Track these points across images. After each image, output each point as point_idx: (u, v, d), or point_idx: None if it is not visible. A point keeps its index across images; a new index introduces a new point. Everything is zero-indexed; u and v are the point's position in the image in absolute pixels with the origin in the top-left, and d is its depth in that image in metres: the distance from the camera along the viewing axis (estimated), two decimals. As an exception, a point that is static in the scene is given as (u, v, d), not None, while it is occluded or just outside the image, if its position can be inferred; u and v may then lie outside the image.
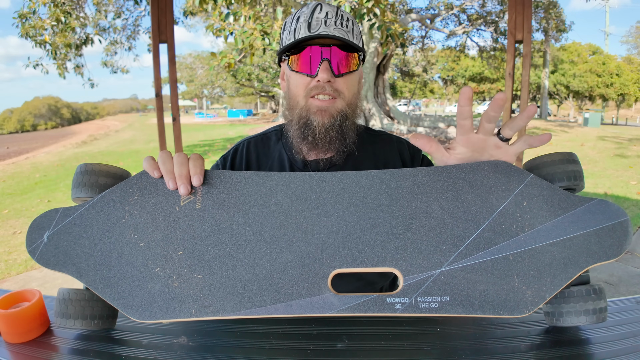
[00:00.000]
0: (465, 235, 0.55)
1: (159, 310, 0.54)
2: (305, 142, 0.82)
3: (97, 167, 0.60)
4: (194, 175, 0.58)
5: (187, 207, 0.58)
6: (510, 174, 0.57)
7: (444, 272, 0.54)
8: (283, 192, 0.58)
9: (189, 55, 30.15)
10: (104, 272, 0.56)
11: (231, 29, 5.12)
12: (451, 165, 0.59)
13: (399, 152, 0.91)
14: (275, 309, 0.54)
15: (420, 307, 0.53)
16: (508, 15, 2.20)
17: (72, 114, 59.40)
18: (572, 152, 0.60)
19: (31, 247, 0.56)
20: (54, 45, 7.25)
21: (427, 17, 14.07)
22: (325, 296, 0.54)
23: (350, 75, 0.81)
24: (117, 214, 0.57)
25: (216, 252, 0.56)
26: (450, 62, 27.00)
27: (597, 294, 0.56)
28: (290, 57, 0.82)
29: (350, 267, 0.55)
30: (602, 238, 0.54)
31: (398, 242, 0.56)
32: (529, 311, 0.53)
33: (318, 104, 0.79)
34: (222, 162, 0.92)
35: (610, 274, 2.97)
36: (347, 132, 0.82)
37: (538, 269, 0.54)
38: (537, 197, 0.56)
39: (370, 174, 0.59)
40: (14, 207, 5.54)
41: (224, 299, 0.54)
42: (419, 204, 0.57)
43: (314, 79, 0.79)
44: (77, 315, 0.57)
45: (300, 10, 0.83)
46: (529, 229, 0.55)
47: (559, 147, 9.70)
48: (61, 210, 0.58)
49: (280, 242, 0.56)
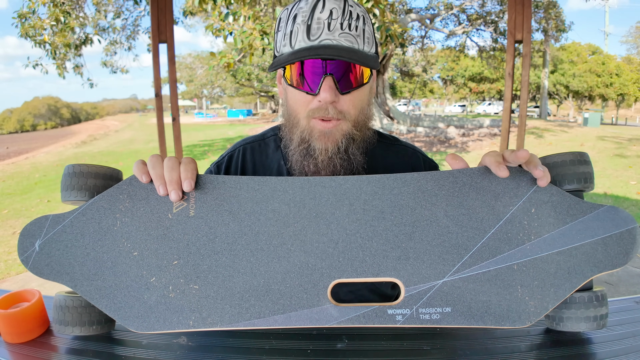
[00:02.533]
0: (470, 244, 0.54)
1: (157, 321, 0.54)
2: (307, 169, 0.73)
3: (86, 168, 0.57)
4: (184, 180, 0.54)
5: (180, 214, 0.56)
6: (519, 178, 0.55)
7: (447, 283, 0.53)
8: (280, 199, 0.56)
9: (188, 55, 30.12)
10: (99, 282, 0.55)
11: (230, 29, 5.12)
12: (457, 169, 0.56)
13: (411, 168, 0.83)
14: (274, 320, 0.53)
15: (421, 319, 0.52)
16: (508, 15, 2.20)
17: (71, 114, 59.37)
18: (584, 152, 0.57)
19: (24, 255, 0.55)
20: (53, 45, 7.24)
21: (427, 17, 14.06)
22: (324, 307, 0.53)
23: (359, 90, 0.69)
24: (107, 221, 0.56)
25: (212, 261, 0.55)
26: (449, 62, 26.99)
27: (599, 301, 0.55)
28: (285, 67, 0.69)
29: (351, 277, 0.54)
30: (608, 247, 0.53)
31: (400, 251, 0.54)
32: (531, 322, 0.52)
33: (320, 127, 0.68)
34: (216, 169, 0.84)
35: (610, 274, 2.96)
36: (354, 158, 0.72)
37: (542, 278, 0.53)
38: (546, 204, 0.54)
39: (373, 178, 0.56)
40: (13, 207, 5.53)
41: (221, 311, 0.53)
42: (422, 210, 0.55)
43: (315, 97, 0.67)
44: (75, 323, 0.56)
45: (298, 5, 0.68)
46: (536, 238, 0.53)
47: (559, 147, 9.70)
48: (51, 218, 0.56)
49: (277, 252, 0.55)
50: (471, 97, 33.01)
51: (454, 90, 31.94)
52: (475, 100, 35.30)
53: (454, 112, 33.98)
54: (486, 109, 32.75)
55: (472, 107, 36.41)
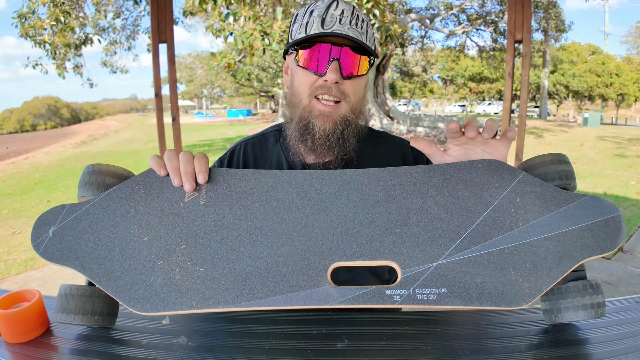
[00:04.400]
0: (460, 230, 0.57)
1: (161, 302, 0.55)
2: (304, 145, 0.81)
3: (104, 167, 0.62)
4: (199, 172, 0.60)
5: (191, 203, 0.59)
6: (502, 171, 0.59)
7: (441, 265, 0.55)
8: (284, 189, 0.60)
9: (188, 55, 30.14)
10: (107, 265, 0.56)
11: (231, 29, 5.12)
12: (445, 163, 0.61)
13: (401, 156, 0.90)
14: (275, 300, 0.55)
15: (418, 299, 0.54)
16: (507, 15, 2.21)
17: (71, 114, 59.38)
18: (562, 153, 0.62)
19: (36, 241, 0.57)
20: (53, 45, 7.25)
21: (427, 17, 14.07)
22: (324, 288, 0.55)
23: (358, 79, 0.79)
24: (122, 209, 0.59)
25: (218, 246, 0.57)
26: (449, 62, 27.01)
27: (594, 289, 0.57)
28: (298, 51, 0.78)
29: (349, 260, 0.56)
30: (595, 232, 0.55)
31: (395, 236, 0.57)
32: (527, 302, 0.53)
33: (321, 107, 0.77)
34: (219, 164, 0.90)
35: (610, 274, 2.97)
36: (348, 139, 0.80)
37: (534, 262, 0.55)
38: (530, 194, 0.58)
39: (368, 171, 0.60)
40: (13, 207, 5.53)
41: (225, 291, 0.55)
42: (415, 200, 0.58)
43: (321, 77, 0.76)
44: (77, 311, 0.58)
45: (315, 3, 0.80)
46: (523, 224, 0.56)
47: (559, 147, 9.71)
48: (68, 207, 0.59)
49: (280, 236, 0.57)
50: (471, 97, 33.02)
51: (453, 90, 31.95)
52: (475, 100, 35.31)
53: (454, 112, 34.02)
54: (486, 109, 32.79)
55: (472, 107, 36.42)
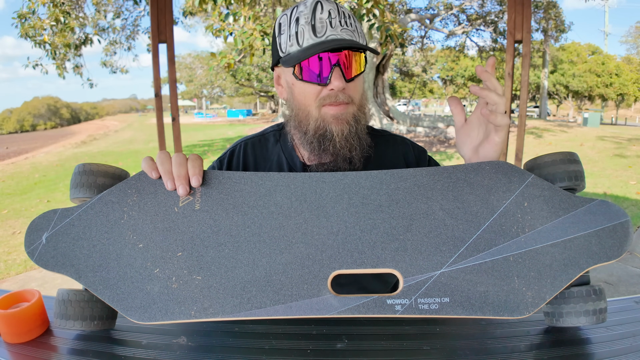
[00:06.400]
0: (465, 236, 0.55)
1: (159, 311, 0.54)
2: (326, 153, 0.77)
3: (95, 167, 0.59)
4: (192, 176, 0.58)
5: (186, 208, 0.58)
6: (511, 174, 0.57)
7: (444, 274, 0.54)
8: (282, 193, 0.58)
9: (188, 55, 30.11)
10: (103, 273, 0.55)
11: (231, 29, 5.12)
12: (452, 165, 0.59)
13: (403, 155, 0.89)
14: (275, 310, 0.54)
15: (420, 309, 0.53)
16: (507, 15, 2.21)
17: (71, 114, 59.30)
18: (573, 152, 0.59)
19: (30, 248, 0.56)
20: (53, 45, 7.24)
21: (427, 17, 14.06)
22: (325, 297, 0.54)
23: (360, 77, 0.78)
24: (115, 214, 0.57)
25: (215, 253, 0.56)
26: (449, 62, 26.99)
27: (597, 295, 0.56)
28: (295, 66, 0.74)
29: (350, 268, 0.55)
30: (602, 239, 0.54)
31: (398, 243, 0.55)
32: (529, 312, 0.53)
33: (333, 112, 0.74)
34: (219, 164, 0.88)
35: (610, 274, 2.97)
36: (362, 137, 0.79)
37: (538, 270, 0.54)
38: (538, 198, 0.56)
39: (370, 174, 0.59)
40: (13, 207, 5.53)
41: (223, 301, 0.54)
42: (419, 204, 0.57)
43: (325, 87, 0.74)
44: (76, 317, 0.57)
45: (297, 9, 0.75)
46: (530, 230, 0.55)
47: (559, 147, 9.71)
48: (59, 212, 0.57)
49: (279, 243, 0.56)
50: (471, 97, 33.01)
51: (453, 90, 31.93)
52: (475, 100, 35.11)
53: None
54: (486, 109, 32.63)
55: (472, 107, 36.38)
